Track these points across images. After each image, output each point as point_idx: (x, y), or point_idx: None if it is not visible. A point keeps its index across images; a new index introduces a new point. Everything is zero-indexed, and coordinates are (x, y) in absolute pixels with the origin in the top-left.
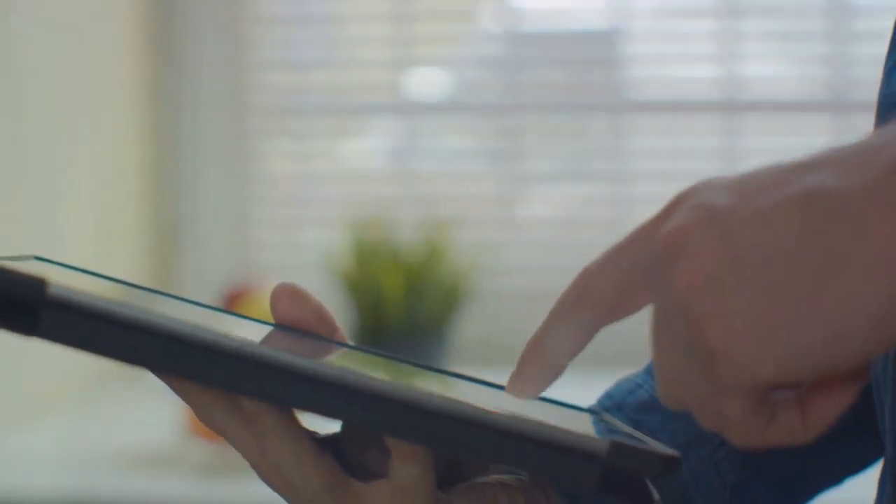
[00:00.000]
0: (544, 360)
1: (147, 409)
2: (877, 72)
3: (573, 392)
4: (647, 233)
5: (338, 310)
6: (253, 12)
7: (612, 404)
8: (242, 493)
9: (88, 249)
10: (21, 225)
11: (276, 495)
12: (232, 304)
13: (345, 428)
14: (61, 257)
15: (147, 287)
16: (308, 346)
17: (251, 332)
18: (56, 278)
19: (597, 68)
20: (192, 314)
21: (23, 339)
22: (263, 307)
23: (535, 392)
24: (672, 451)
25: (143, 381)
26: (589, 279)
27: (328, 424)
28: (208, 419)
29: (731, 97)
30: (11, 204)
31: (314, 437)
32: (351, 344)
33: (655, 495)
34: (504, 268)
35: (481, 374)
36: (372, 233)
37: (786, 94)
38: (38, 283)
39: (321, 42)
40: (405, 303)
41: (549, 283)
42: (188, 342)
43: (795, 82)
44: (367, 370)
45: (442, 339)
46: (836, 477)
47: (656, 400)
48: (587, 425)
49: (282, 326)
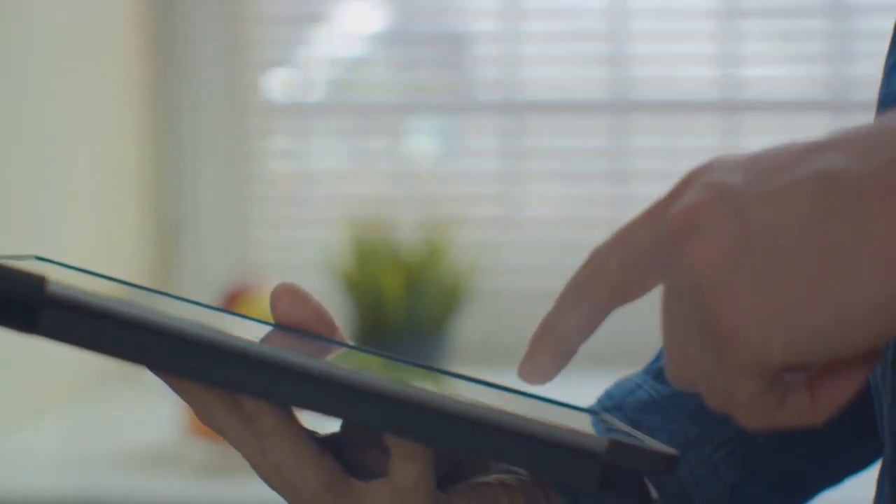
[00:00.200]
0: (555, 344)
1: (147, 408)
2: (877, 71)
3: (573, 392)
4: (658, 211)
5: (338, 310)
6: (253, 12)
7: (611, 404)
8: (242, 492)
9: (88, 249)
10: (21, 225)
11: (276, 495)
12: (232, 304)
13: (345, 427)
14: (61, 257)
15: (147, 287)
16: (308, 346)
17: (251, 331)
18: (57, 277)
19: (598, 67)
20: (192, 314)
21: (23, 338)
22: (263, 307)
23: (546, 377)
24: (671, 450)
25: (144, 380)
26: (599, 260)
27: (328, 424)
28: (208, 419)
29: (730, 97)
30: (11, 204)
31: (314, 437)
32: (351, 344)
33: (654, 494)
34: (504, 268)
35: (481, 373)
36: (372, 233)
37: (786, 93)
38: (37, 282)
39: (322, 40)
40: (405, 303)
41: (549, 282)
42: (188, 341)
43: (795, 82)
44: (367, 370)
45: (442, 339)
46: (835, 477)
47: (656, 400)
48: (587, 425)
49: (281, 326)
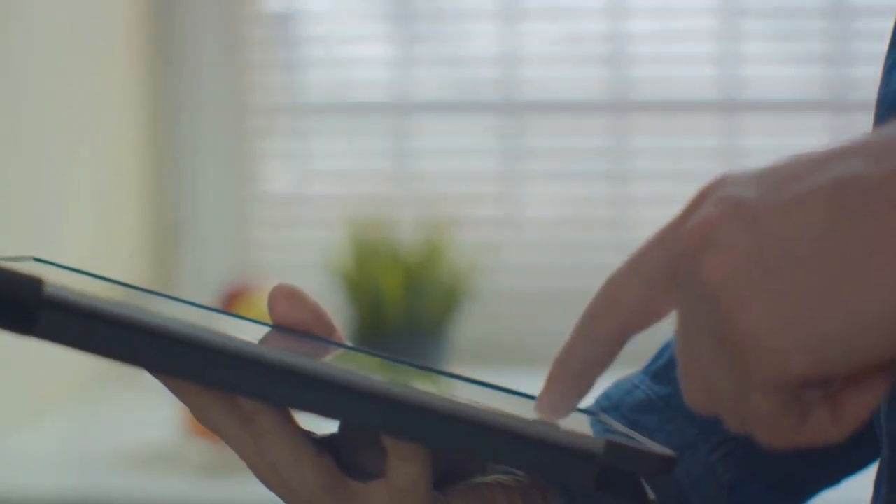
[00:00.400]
0: (573, 377)
1: (147, 408)
2: (876, 71)
3: None
4: (673, 230)
5: (337, 310)
6: (253, 12)
7: (609, 404)
8: (242, 492)
9: (88, 249)
10: (21, 225)
11: (275, 496)
12: (231, 304)
13: (343, 428)
14: (61, 257)
15: (145, 288)
16: (306, 347)
17: (249, 333)
18: (54, 279)
19: (598, 67)
20: (190, 315)
21: (21, 339)
22: (263, 307)
23: (566, 410)
24: (668, 451)
25: (143, 380)
26: (615, 288)
27: (326, 424)
28: (206, 419)
29: (730, 97)
30: (11, 204)
31: (312, 438)
32: (349, 345)
33: (651, 495)
34: (504, 268)
35: (481, 374)
36: (371, 233)
37: (785, 93)
38: (35, 283)
39: (321, 42)
40: (405, 303)
41: (549, 282)
42: (185, 342)
43: (795, 82)
44: (365, 371)
45: (442, 339)
46: (832, 478)
47: (653, 401)
48: (585, 426)
49: (280, 327)
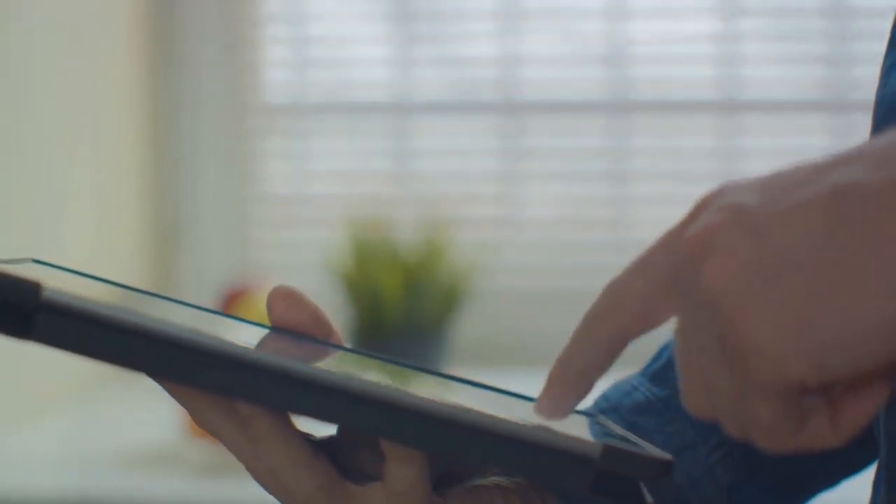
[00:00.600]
0: (573, 379)
1: (147, 409)
2: (875, 71)
3: None
4: (674, 237)
5: (337, 310)
6: (253, 12)
7: (608, 406)
8: (241, 493)
9: (88, 249)
10: (21, 225)
11: (272, 497)
12: (231, 304)
13: (340, 431)
14: (61, 257)
15: (144, 290)
16: (304, 349)
17: (248, 335)
18: (53, 282)
19: (597, 67)
20: (189, 317)
21: (14, 345)
22: (262, 307)
23: (565, 411)
24: (665, 455)
25: (143, 381)
26: (616, 292)
27: (325, 427)
28: (203, 423)
29: (730, 97)
30: (11, 204)
31: (309, 440)
32: (347, 347)
33: (649, 499)
34: (503, 268)
35: (480, 373)
36: (371, 233)
37: (785, 93)
38: (32, 287)
39: (321, 41)
40: (404, 303)
41: (549, 282)
42: (183, 346)
43: (794, 82)
44: (364, 373)
45: (441, 339)
46: (831, 479)
47: (652, 402)
48: (583, 428)
49: (278, 329)
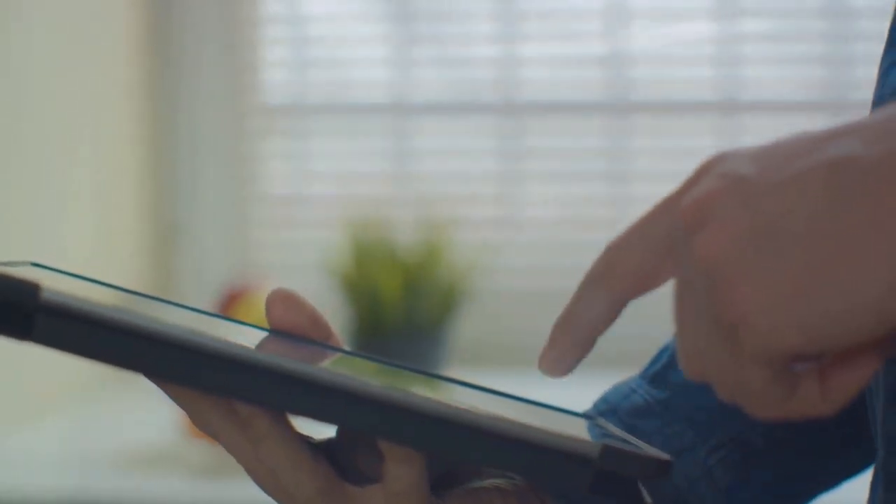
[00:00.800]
0: (575, 335)
1: (147, 409)
2: (874, 72)
3: (572, 394)
4: (672, 203)
5: (336, 310)
6: (252, 12)
7: (606, 408)
8: (241, 493)
9: (87, 250)
10: (20, 226)
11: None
12: (230, 305)
13: (340, 432)
14: (60, 258)
15: (142, 293)
16: (303, 351)
17: (246, 337)
18: (51, 284)
19: (596, 68)
20: (187, 319)
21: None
22: (261, 308)
23: (566, 368)
24: (664, 455)
25: (143, 382)
26: (616, 251)
27: (325, 429)
28: (203, 424)
29: (729, 97)
30: (10, 205)
31: (309, 442)
32: (346, 349)
33: (647, 499)
34: (502, 268)
35: (480, 374)
36: (370, 233)
37: (784, 94)
38: (31, 288)
39: (320, 42)
40: (403, 303)
41: (548, 283)
42: (181, 347)
43: (794, 82)
44: (362, 375)
45: (440, 340)
46: (830, 481)
47: (650, 405)
48: (582, 430)
49: (277, 332)
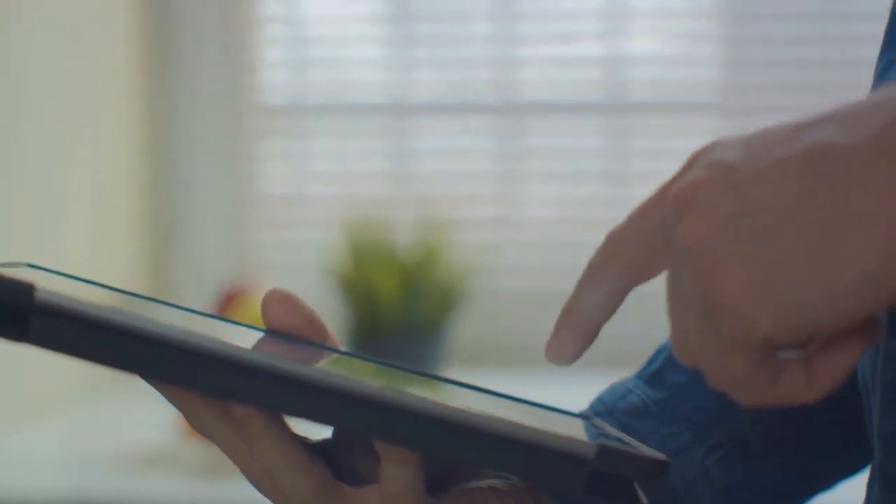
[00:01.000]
0: (578, 324)
1: (145, 410)
2: (871, 73)
3: (571, 394)
4: (665, 193)
5: (334, 310)
6: (251, 13)
7: (603, 409)
8: (238, 493)
9: (86, 250)
10: (18, 226)
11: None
12: (228, 305)
13: (335, 433)
14: (58, 258)
15: (138, 294)
16: (299, 352)
17: (243, 338)
18: (47, 285)
19: (595, 68)
20: (183, 320)
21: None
22: (258, 309)
23: (571, 356)
24: (660, 455)
25: (141, 382)
26: (614, 242)
27: (321, 429)
28: (198, 424)
29: (729, 98)
30: (9, 205)
31: (305, 442)
32: (342, 350)
33: (644, 499)
34: (501, 268)
35: (478, 374)
36: (368, 233)
37: (784, 95)
38: (26, 289)
39: (319, 42)
40: (401, 303)
41: (547, 283)
42: (177, 348)
43: (794, 83)
44: (358, 376)
45: (438, 340)
46: (827, 481)
47: (647, 405)
48: (579, 430)
49: (273, 332)
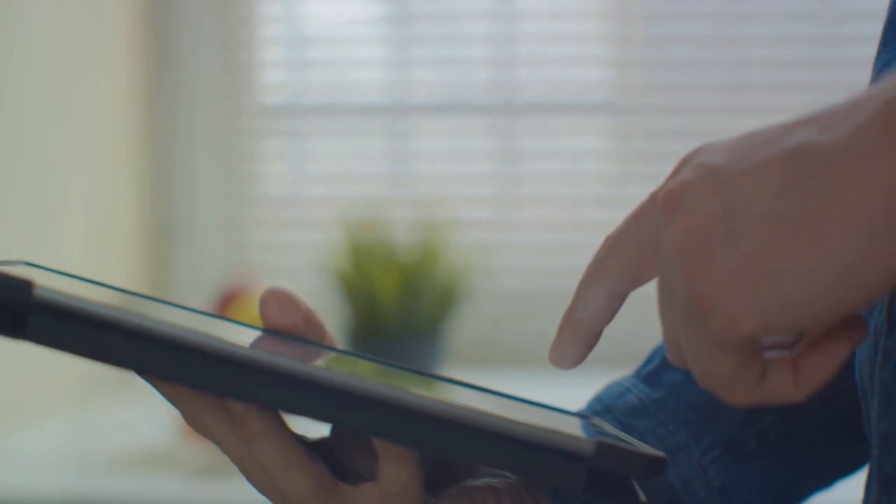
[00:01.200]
0: (579, 329)
1: (144, 409)
2: (869, 73)
3: (570, 393)
4: (657, 195)
5: (333, 310)
6: (249, 12)
7: (601, 408)
8: (237, 493)
9: (84, 250)
10: (16, 226)
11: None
12: (227, 306)
13: (334, 431)
14: (57, 258)
15: (136, 292)
16: (297, 350)
17: (241, 336)
18: (44, 283)
19: (595, 69)
20: (181, 318)
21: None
22: (257, 309)
23: (574, 360)
24: (658, 453)
25: (141, 382)
26: (611, 246)
27: (318, 428)
28: (196, 423)
29: (729, 99)
30: (8, 204)
31: (302, 441)
32: (340, 348)
33: (642, 497)
34: (500, 268)
35: (477, 374)
36: (368, 234)
37: (784, 95)
38: (24, 286)
39: (318, 42)
40: (400, 303)
41: (545, 283)
42: (174, 345)
43: (793, 84)
44: (356, 374)
45: (437, 340)
46: (824, 481)
47: (645, 404)
48: (576, 428)
49: (271, 331)
